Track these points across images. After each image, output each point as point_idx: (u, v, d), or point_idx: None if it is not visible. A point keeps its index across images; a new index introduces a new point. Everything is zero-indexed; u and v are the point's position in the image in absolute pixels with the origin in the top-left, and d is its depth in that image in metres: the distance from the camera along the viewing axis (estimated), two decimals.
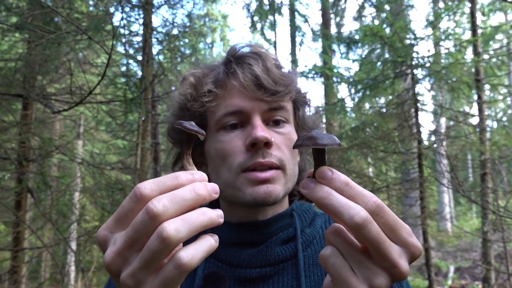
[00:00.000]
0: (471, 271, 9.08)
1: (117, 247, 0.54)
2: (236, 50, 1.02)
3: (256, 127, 0.90)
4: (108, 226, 0.56)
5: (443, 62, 4.89)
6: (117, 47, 5.90)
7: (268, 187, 0.90)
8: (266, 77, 0.93)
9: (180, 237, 0.51)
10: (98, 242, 0.57)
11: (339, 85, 6.51)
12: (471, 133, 5.10)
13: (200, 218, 0.54)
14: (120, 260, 0.54)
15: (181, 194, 0.54)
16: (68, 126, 8.41)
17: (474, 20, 5.64)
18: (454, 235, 12.29)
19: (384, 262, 0.55)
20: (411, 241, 0.57)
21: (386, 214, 0.56)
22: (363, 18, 9.91)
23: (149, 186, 0.54)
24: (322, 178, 0.58)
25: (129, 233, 0.53)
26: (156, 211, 0.51)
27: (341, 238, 0.58)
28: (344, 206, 0.55)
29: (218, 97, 0.96)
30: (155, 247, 0.51)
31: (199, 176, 0.59)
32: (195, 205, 0.55)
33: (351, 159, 5.22)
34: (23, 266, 4.56)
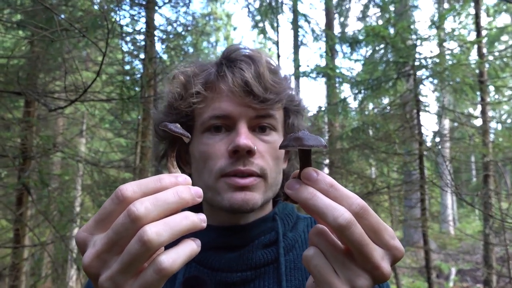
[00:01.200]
0: (473, 274, 9.03)
1: (96, 249, 0.53)
2: (230, 52, 1.00)
3: (240, 134, 0.89)
4: (88, 228, 0.56)
5: (447, 63, 4.86)
6: (122, 46, 5.92)
7: (246, 194, 0.89)
8: (256, 84, 0.91)
9: (161, 241, 0.50)
10: (77, 243, 0.56)
11: (341, 86, 6.49)
12: (473, 135, 5.07)
13: (182, 222, 0.53)
14: (99, 263, 0.53)
15: (164, 198, 0.53)
16: (71, 124, 8.43)
17: (479, 21, 5.60)
18: (456, 237, 12.23)
19: (366, 264, 0.55)
20: (393, 244, 0.57)
21: (370, 216, 0.56)
22: (367, 18, 9.87)
23: (131, 188, 0.54)
24: (307, 179, 0.58)
25: (109, 235, 0.52)
26: (137, 213, 0.50)
27: (324, 239, 0.59)
28: (329, 207, 0.55)
29: (207, 99, 0.95)
30: (135, 251, 0.50)
31: (182, 179, 0.59)
32: (178, 209, 0.55)
33: (353, 160, 5.20)
34: (23, 263, 4.58)
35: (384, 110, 5.31)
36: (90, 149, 8.29)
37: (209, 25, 13.09)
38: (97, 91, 3.78)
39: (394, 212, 6.04)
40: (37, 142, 3.44)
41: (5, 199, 5.39)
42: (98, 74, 1.78)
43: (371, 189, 4.38)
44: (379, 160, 4.94)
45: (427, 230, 4.36)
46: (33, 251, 5.07)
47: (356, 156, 5.21)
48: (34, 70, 4.31)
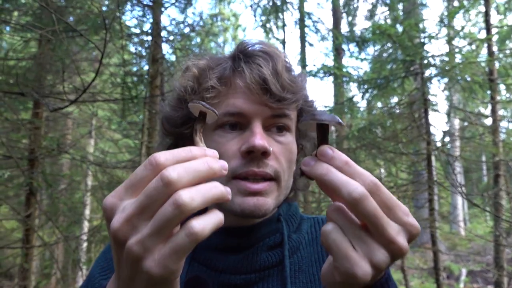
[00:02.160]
0: (484, 275, 8.91)
1: (127, 213, 0.53)
2: (246, 46, 0.96)
3: (255, 134, 0.85)
4: (118, 194, 0.56)
5: (456, 62, 4.80)
6: (128, 46, 5.96)
7: (258, 199, 0.86)
8: (275, 82, 0.88)
9: (194, 206, 0.51)
10: (105, 209, 0.56)
11: (348, 85, 6.45)
12: (482, 134, 4.99)
13: (213, 190, 0.55)
14: (129, 227, 0.53)
15: (195, 166, 0.54)
16: (80, 125, 8.50)
17: (488, 19, 5.52)
18: (466, 237, 12.08)
19: (382, 238, 0.56)
20: (407, 220, 0.57)
21: (382, 193, 0.57)
22: (376, 17, 9.80)
23: (164, 156, 0.55)
24: (323, 156, 0.60)
25: (141, 199, 0.52)
26: (171, 178, 0.51)
27: (341, 215, 0.59)
28: (343, 182, 0.56)
29: (221, 95, 0.91)
30: (169, 214, 0.51)
31: (211, 153, 0.60)
32: (207, 178, 0.56)
33: (360, 159, 5.15)
34: (31, 263, 4.63)
35: (392, 109, 5.25)
36: (98, 150, 8.36)
37: (217, 25, 13.11)
38: (103, 92, 3.80)
39: None
40: (41, 143, 3.46)
41: (15, 200, 5.46)
42: (97, 73, 1.78)
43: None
44: (386, 160, 4.88)
45: (436, 230, 4.30)
46: (42, 251, 5.11)
47: (363, 156, 5.17)
48: (41, 71, 4.36)
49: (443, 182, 4.47)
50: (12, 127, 4.42)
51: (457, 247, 11.44)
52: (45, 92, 3.74)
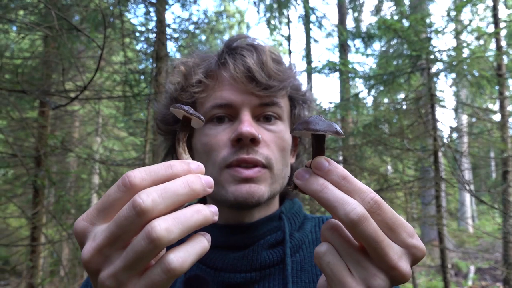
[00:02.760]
0: (492, 272, 8.82)
1: (97, 243, 0.48)
2: (232, 41, 0.97)
3: (243, 121, 0.86)
4: (89, 217, 0.51)
5: (463, 56, 4.73)
6: (134, 45, 5.96)
7: (251, 186, 0.85)
8: (259, 70, 0.88)
9: (171, 238, 0.46)
10: (76, 234, 0.51)
11: (353, 81, 6.40)
12: (490, 130, 4.92)
13: (194, 216, 0.49)
14: (100, 258, 0.49)
15: (173, 188, 0.48)
16: (86, 124, 8.55)
17: (496, 13, 5.44)
18: (475, 234, 11.97)
19: (382, 263, 0.51)
20: (411, 242, 0.53)
21: (384, 212, 0.52)
22: (382, 13, 9.71)
23: (140, 174, 0.49)
24: (318, 169, 0.54)
25: (111, 229, 0.47)
26: (144, 206, 0.45)
27: (337, 235, 0.55)
28: (340, 201, 0.51)
29: (208, 88, 0.92)
30: (142, 248, 0.46)
31: (195, 166, 0.54)
32: (188, 201, 0.50)
33: (366, 156, 5.11)
34: (39, 260, 4.67)
35: (398, 105, 5.21)
36: (104, 148, 8.40)
37: (222, 22, 13.09)
38: (107, 90, 3.80)
39: (409, 210, 5.93)
40: (45, 142, 3.47)
41: (23, 198, 5.51)
42: (97, 70, 1.78)
43: (383, 186, 4.30)
44: (393, 156, 4.84)
45: (443, 228, 4.26)
46: (49, 248, 5.15)
47: (369, 152, 5.12)
48: (47, 70, 4.38)
49: (450, 179, 4.42)
50: (18, 126, 4.45)
51: (465, 244, 11.35)
52: (51, 90, 3.76)
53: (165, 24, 4.91)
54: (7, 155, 3.15)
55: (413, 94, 5.00)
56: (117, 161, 4.57)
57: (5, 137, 2.86)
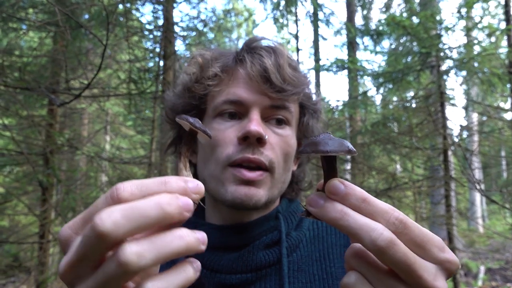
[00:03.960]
0: (503, 273, 8.71)
1: (69, 258, 0.45)
2: (252, 41, 0.98)
3: (252, 120, 0.85)
4: (75, 226, 0.47)
5: (473, 53, 4.66)
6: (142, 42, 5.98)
7: (250, 189, 0.84)
8: (275, 72, 0.88)
9: (143, 265, 0.41)
10: (60, 241, 0.48)
11: (362, 79, 6.35)
12: (501, 128, 4.84)
13: (174, 243, 0.43)
14: (73, 274, 0.45)
15: (141, 209, 0.42)
16: (95, 122, 8.61)
17: (508, 10, 5.35)
18: (485, 234, 11.84)
19: (417, 286, 0.47)
20: (444, 257, 0.49)
21: (411, 231, 0.48)
22: (391, 10, 9.62)
23: (129, 188, 0.44)
24: (334, 194, 0.49)
25: (79, 247, 0.44)
26: (102, 228, 0.40)
27: (364, 262, 0.50)
28: (364, 227, 0.47)
29: (223, 83, 0.92)
30: (111, 271, 0.41)
31: (193, 185, 0.48)
32: (159, 224, 0.44)
33: (374, 155, 5.07)
34: (48, 257, 4.71)
35: (407, 103, 5.15)
36: (113, 146, 8.45)
37: (230, 21, 13.09)
38: (115, 88, 3.82)
39: (418, 209, 5.86)
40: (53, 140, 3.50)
41: (33, 195, 5.56)
42: (100, 67, 1.77)
43: (391, 185, 4.25)
44: (401, 155, 4.79)
45: (452, 227, 4.20)
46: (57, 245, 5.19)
47: (378, 151, 5.08)
48: (55, 68, 4.41)
49: (460, 178, 4.36)
50: (27, 124, 4.49)
51: (475, 244, 11.22)
52: (59, 88, 3.78)
53: (173, 22, 4.91)
54: (15, 153, 3.18)
55: (423, 92, 4.94)
56: (124, 159, 4.58)
57: (12, 135, 2.88)
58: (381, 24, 5.97)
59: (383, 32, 5.69)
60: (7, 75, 3.09)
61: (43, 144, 3.60)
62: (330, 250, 0.94)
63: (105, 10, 1.76)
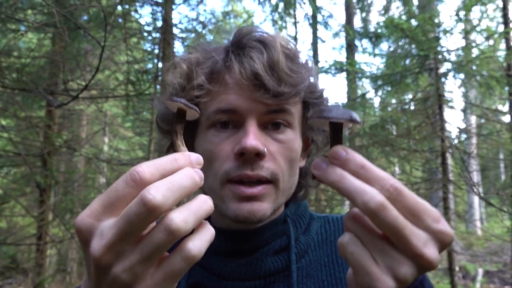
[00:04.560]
0: (501, 275, 8.71)
1: (107, 240, 0.47)
2: (240, 36, 0.87)
3: (247, 134, 0.78)
4: (94, 213, 0.49)
5: (471, 56, 4.67)
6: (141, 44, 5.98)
7: (253, 205, 0.80)
8: (268, 76, 0.79)
9: (188, 228, 0.48)
10: (79, 230, 0.50)
11: (361, 81, 6.36)
12: (500, 131, 4.85)
13: (203, 206, 0.51)
14: (112, 254, 0.48)
15: (179, 181, 0.49)
16: (93, 123, 8.60)
17: (506, 13, 5.38)
18: (483, 237, 11.84)
19: (407, 250, 0.49)
20: (437, 227, 0.50)
21: (405, 198, 0.50)
22: (390, 12, 9.65)
23: (148, 169, 0.49)
24: (336, 159, 0.53)
25: (121, 226, 0.47)
26: (155, 202, 0.46)
27: (359, 224, 0.53)
28: (358, 190, 0.49)
29: (212, 92, 0.83)
30: (160, 240, 0.47)
31: (195, 158, 0.56)
32: (191, 193, 0.52)
33: (373, 157, 5.07)
34: (46, 259, 4.70)
35: (405, 106, 5.15)
36: (112, 148, 8.44)
37: (229, 23, 13.10)
38: (113, 89, 3.81)
39: None
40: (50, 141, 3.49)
41: (31, 197, 5.55)
42: (98, 69, 1.77)
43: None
44: (400, 157, 4.79)
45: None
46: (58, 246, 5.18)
47: (376, 153, 5.08)
48: (54, 69, 4.41)
49: (457, 181, 4.36)
50: (26, 125, 4.48)
51: (474, 246, 11.23)
52: (57, 89, 3.77)
53: (172, 24, 4.90)
54: (13, 154, 3.17)
55: (421, 95, 4.95)
56: (122, 161, 4.57)
57: (9, 136, 2.88)
58: (380, 26, 5.99)
59: (382, 35, 5.70)
60: (5, 76, 3.08)
61: (41, 145, 3.60)
62: (339, 254, 0.89)
63: (103, 12, 1.76)
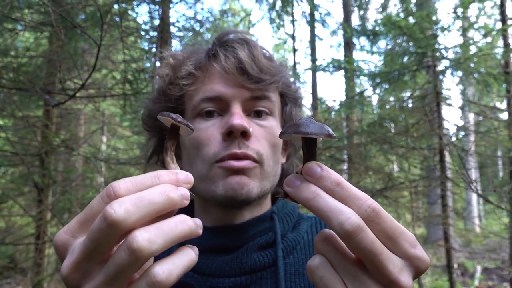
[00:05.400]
0: (499, 272, 8.74)
1: (74, 258, 0.46)
2: (223, 35, 0.95)
3: (234, 114, 0.83)
4: (71, 230, 0.48)
5: (470, 54, 4.68)
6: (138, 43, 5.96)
7: (242, 178, 0.82)
8: (251, 63, 0.86)
9: (154, 250, 0.43)
10: (56, 247, 0.49)
11: (359, 79, 6.36)
12: (497, 128, 4.86)
13: (178, 227, 0.46)
14: (79, 273, 0.46)
15: (148, 197, 0.45)
16: (91, 122, 8.57)
17: (504, 10, 5.38)
18: (482, 234, 11.87)
19: (381, 277, 0.47)
20: (414, 253, 0.48)
21: (383, 221, 0.48)
22: (388, 10, 9.64)
23: (125, 185, 0.46)
24: (310, 175, 0.50)
25: (86, 242, 0.45)
26: (115, 217, 0.42)
27: (331, 247, 0.50)
28: (333, 210, 0.47)
29: (198, 81, 0.89)
30: (123, 261, 0.43)
31: (183, 176, 0.51)
32: (165, 211, 0.47)
33: (371, 155, 5.07)
34: (44, 258, 4.69)
35: (403, 103, 5.16)
36: (110, 147, 8.42)
37: (227, 21, 13.08)
38: (111, 88, 3.81)
39: (415, 209, 5.87)
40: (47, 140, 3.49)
41: (30, 196, 5.54)
42: (94, 67, 1.76)
43: (387, 184, 4.25)
44: (398, 155, 4.80)
45: (449, 227, 4.21)
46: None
47: (375, 151, 5.08)
48: (51, 68, 4.40)
49: (455, 178, 4.37)
50: (23, 125, 4.47)
51: (472, 243, 11.25)
52: (54, 88, 3.77)
53: (169, 23, 4.89)
54: (10, 154, 3.17)
55: (419, 92, 4.95)
56: (120, 160, 4.56)
57: (7, 135, 2.87)
58: (378, 24, 5.98)
59: (380, 33, 5.70)
60: (2, 76, 3.07)
61: (39, 145, 3.59)
62: None
63: (99, 11, 1.75)
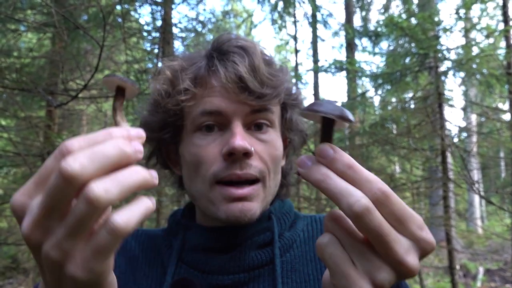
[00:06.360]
0: (502, 274, 8.72)
1: (33, 216, 0.45)
2: (221, 42, 0.91)
3: (235, 134, 0.81)
4: (27, 190, 0.48)
5: (471, 55, 4.67)
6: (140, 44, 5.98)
7: (244, 205, 0.82)
8: (252, 78, 0.83)
9: (110, 198, 0.43)
10: (14, 210, 0.48)
11: (361, 80, 6.36)
12: (500, 129, 4.85)
13: (133, 176, 0.46)
14: (40, 230, 0.46)
15: (102, 150, 0.45)
16: (94, 123, 8.61)
17: (506, 11, 5.37)
18: (484, 235, 11.83)
19: (388, 257, 0.48)
20: (420, 235, 0.49)
21: (392, 203, 0.48)
22: (390, 11, 9.64)
23: (78, 143, 0.46)
24: (322, 157, 0.50)
25: (44, 200, 0.44)
26: (70, 171, 0.42)
27: (340, 226, 0.51)
28: (343, 192, 0.47)
29: (196, 96, 0.86)
30: (81, 212, 0.43)
31: (135, 132, 0.51)
32: (119, 163, 0.46)
33: (373, 155, 5.07)
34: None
35: (405, 104, 5.15)
36: None
37: (229, 22, 13.09)
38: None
39: (417, 210, 5.86)
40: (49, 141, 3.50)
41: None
42: (96, 68, 1.77)
43: (389, 186, 4.24)
44: (400, 156, 4.79)
45: (451, 229, 4.20)
46: None
47: (376, 152, 5.08)
48: (54, 69, 4.41)
49: (457, 179, 4.36)
50: (25, 125, 4.48)
51: (474, 245, 11.22)
52: (57, 89, 3.78)
53: (171, 24, 4.90)
54: (12, 154, 3.18)
55: (421, 93, 4.95)
56: None
57: (9, 136, 2.88)
58: (380, 25, 5.98)
59: (382, 33, 5.70)
60: (5, 76, 3.09)
61: (41, 145, 3.60)
62: None
63: (101, 12, 1.76)
